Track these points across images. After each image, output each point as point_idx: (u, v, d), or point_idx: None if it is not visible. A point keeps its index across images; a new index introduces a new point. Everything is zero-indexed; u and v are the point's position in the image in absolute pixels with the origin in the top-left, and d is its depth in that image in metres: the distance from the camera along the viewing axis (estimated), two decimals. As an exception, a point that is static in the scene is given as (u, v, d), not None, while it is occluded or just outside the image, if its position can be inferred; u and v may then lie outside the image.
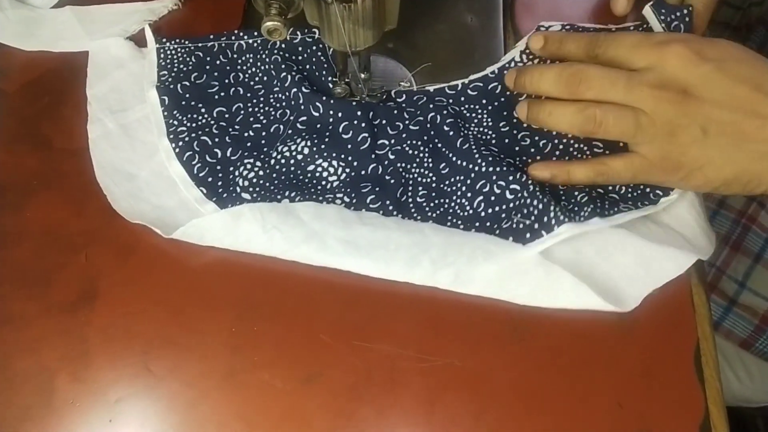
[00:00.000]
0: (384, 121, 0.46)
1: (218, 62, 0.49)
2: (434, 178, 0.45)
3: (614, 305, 0.38)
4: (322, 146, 0.45)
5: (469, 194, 0.43)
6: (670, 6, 0.44)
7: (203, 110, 0.47)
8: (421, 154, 0.45)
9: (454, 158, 0.45)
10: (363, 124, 0.45)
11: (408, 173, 0.45)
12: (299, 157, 0.45)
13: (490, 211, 0.43)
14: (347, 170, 0.45)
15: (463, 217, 0.43)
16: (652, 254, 0.40)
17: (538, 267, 0.39)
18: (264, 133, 0.47)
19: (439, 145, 0.45)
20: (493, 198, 0.43)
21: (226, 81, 0.49)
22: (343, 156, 0.45)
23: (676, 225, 0.42)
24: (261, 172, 0.45)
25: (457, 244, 0.41)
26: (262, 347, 0.40)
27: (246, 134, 0.46)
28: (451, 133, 0.45)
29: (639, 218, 0.41)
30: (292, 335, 0.40)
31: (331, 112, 0.46)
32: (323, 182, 0.45)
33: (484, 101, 0.47)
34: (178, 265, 0.42)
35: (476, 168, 0.43)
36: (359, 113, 0.45)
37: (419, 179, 0.45)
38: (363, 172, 0.45)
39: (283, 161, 0.45)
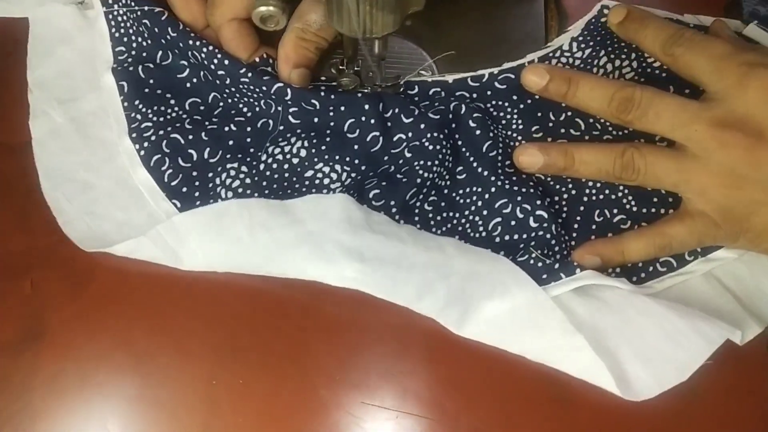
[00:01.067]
0: (397, 110, 0.37)
1: (168, 36, 0.38)
2: (448, 183, 0.37)
3: (628, 393, 0.31)
4: (323, 147, 0.37)
5: (484, 212, 0.36)
6: None
7: (173, 101, 0.38)
8: (444, 150, 0.37)
9: (474, 164, 0.37)
10: (372, 120, 0.37)
11: (428, 171, 0.36)
12: (295, 160, 0.37)
13: (507, 237, 0.35)
14: (353, 175, 0.37)
15: (474, 239, 0.36)
16: (683, 330, 0.31)
17: (555, 327, 0.32)
18: (249, 129, 0.38)
19: (460, 142, 0.38)
20: (513, 222, 0.35)
21: (193, 62, 0.39)
22: (348, 159, 0.37)
23: (729, 281, 0.35)
24: (248, 180, 0.36)
25: (482, 274, 0.33)
26: (247, 404, 0.33)
27: (226, 129, 0.38)
28: (478, 132, 0.37)
29: None
30: (285, 390, 0.33)
31: (332, 108, 0.37)
32: (324, 191, 0.37)
33: (515, 98, 0.39)
34: (146, 297, 0.35)
35: (498, 182, 0.36)
36: (367, 107, 0.37)
37: (437, 180, 0.37)
38: (371, 174, 0.37)
39: (275, 166, 0.37)
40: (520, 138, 0.38)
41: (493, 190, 0.36)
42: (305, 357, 0.34)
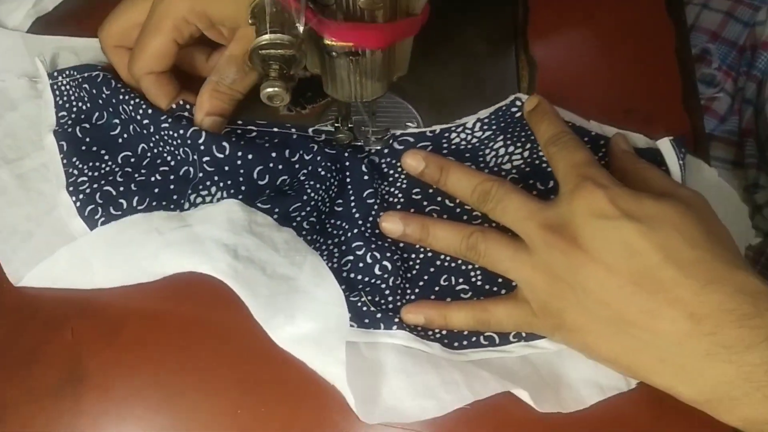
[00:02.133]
0: (301, 151, 0.41)
1: (104, 95, 0.43)
2: (327, 210, 0.41)
3: (362, 410, 0.34)
4: (240, 197, 0.40)
5: (343, 247, 0.40)
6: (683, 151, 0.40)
7: (107, 157, 0.43)
8: (332, 179, 0.41)
9: (353, 203, 0.41)
10: (280, 166, 0.41)
11: (315, 192, 0.40)
12: None
13: (352, 276, 0.39)
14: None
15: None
16: (458, 380, 0.35)
17: (337, 348, 0.35)
18: (173, 177, 0.42)
19: (349, 180, 0.42)
20: (361, 264, 0.39)
21: (123, 117, 0.43)
22: (259, 205, 0.40)
23: (543, 369, 0.37)
24: None
25: (317, 298, 0.36)
26: (270, 428, 0.36)
27: (153, 179, 0.42)
28: (366, 177, 0.41)
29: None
30: (303, 415, 0.37)
31: (240, 153, 0.40)
32: None
33: None
34: (173, 339, 0.38)
35: (363, 228, 0.40)
36: (274, 154, 0.40)
37: (320, 204, 0.41)
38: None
39: None
40: (400, 195, 0.42)
41: (355, 231, 0.40)
42: (319, 387, 0.37)
